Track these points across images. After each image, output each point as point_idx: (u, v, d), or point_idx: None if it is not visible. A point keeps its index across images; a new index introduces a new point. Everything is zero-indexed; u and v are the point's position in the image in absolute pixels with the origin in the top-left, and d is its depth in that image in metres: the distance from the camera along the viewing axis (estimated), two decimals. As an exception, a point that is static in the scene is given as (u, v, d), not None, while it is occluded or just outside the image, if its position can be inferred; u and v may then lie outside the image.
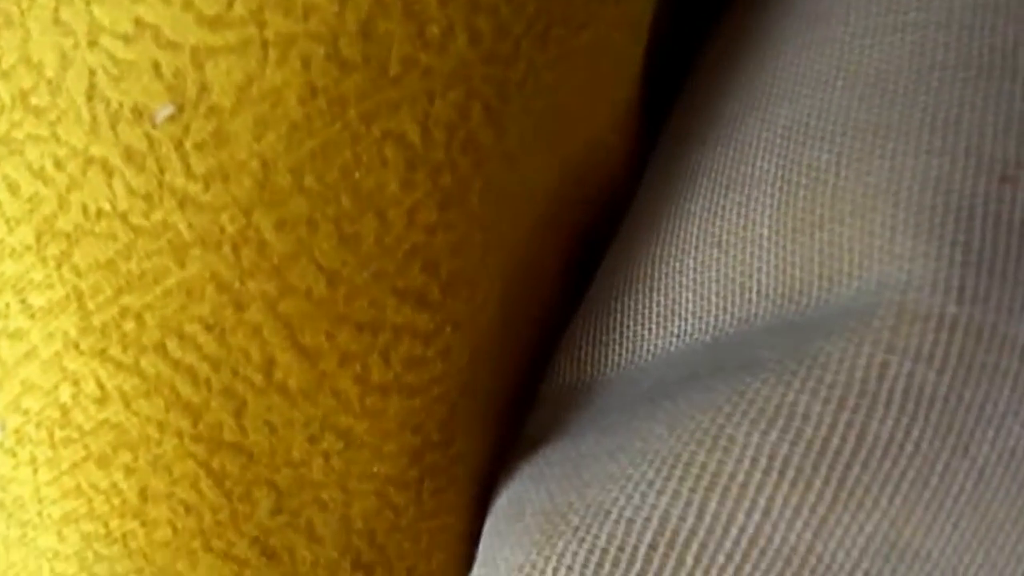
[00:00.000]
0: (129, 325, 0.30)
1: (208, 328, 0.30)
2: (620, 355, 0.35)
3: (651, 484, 0.30)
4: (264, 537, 0.31)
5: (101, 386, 0.31)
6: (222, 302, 0.30)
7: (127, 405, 0.30)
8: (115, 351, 0.30)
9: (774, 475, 0.30)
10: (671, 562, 0.30)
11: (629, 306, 0.35)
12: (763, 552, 0.30)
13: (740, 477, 0.30)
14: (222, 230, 0.30)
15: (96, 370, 0.30)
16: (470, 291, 0.32)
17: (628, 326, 0.35)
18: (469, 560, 0.33)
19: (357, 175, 0.30)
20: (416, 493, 0.32)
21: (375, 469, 0.32)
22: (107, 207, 0.30)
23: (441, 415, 0.32)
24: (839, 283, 0.32)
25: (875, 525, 0.30)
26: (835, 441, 0.30)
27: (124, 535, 0.31)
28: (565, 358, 0.36)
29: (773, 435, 0.30)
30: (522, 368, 0.35)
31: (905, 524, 0.30)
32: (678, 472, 0.30)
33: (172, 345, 0.30)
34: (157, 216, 0.30)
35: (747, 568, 0.30)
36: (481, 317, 0.32)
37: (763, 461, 0.30)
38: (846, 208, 0.32)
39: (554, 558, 0.30)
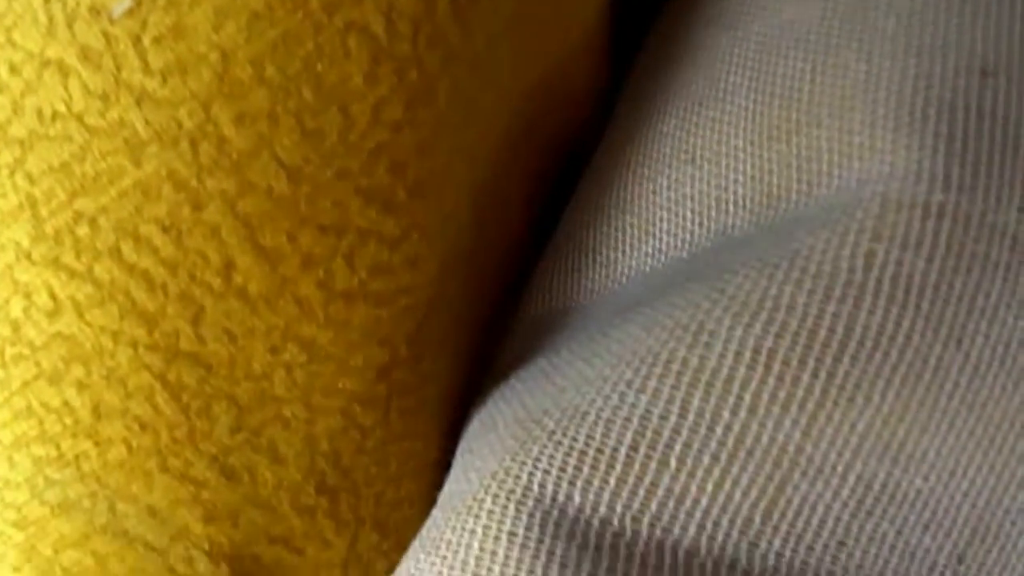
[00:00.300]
0: (83, 230, 0.29)
1: (164, 229, 0.29)
2: (594, 281, 0.34)
3: (630, 384, 0.29)
4: (223, 456, 0.30)
5: (53, 297, 0.29)
6: (179, 201, 0.29)
7: (80, 315, 0.29)
8: (68, 258, 0.29)
9: (759, 369, 0.28)
10: (653, 463, 0.28)
11: (601, 231, 0.34)
12: (750, 452, 0.28)
13: (724, 372, 0.28)
14: (180, 126, 0.28)
15: (48, 280, 0.29)
16: (438, 197, 0.31)
17: (601, 252, 0.34)
18: (440, 489, 0.32)
19: (319, 67, 0.29)
20: (384, 413, 0.31)
21: (340, 384, 0.30)
22: (62, 109, 0.29)
23: (409, 329, 0.31)
24: (819, 185, 0.31)
25: (867, 423, 0.29)
26: (822, 333, 0.28)
27: (76, 457, 0.30)
28: (537, 288, 0.34)
29: (757, 328, 0.28)
30: (494, 297, 0.34)
31: (899, 423, 0.29)
32: (658, 370, 0.29)
33: (127, 249, 0.29)
34: (113, 114, 0.29)
35: (734, 470, 0.28)
36: (450, 228, 0.31)
37: (747, 355, 0.28)
38: (823, 111, 0.31)
39: (529, 463, 0.28)
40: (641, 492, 0.28)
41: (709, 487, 0.28)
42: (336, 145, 0.29)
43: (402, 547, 0.31)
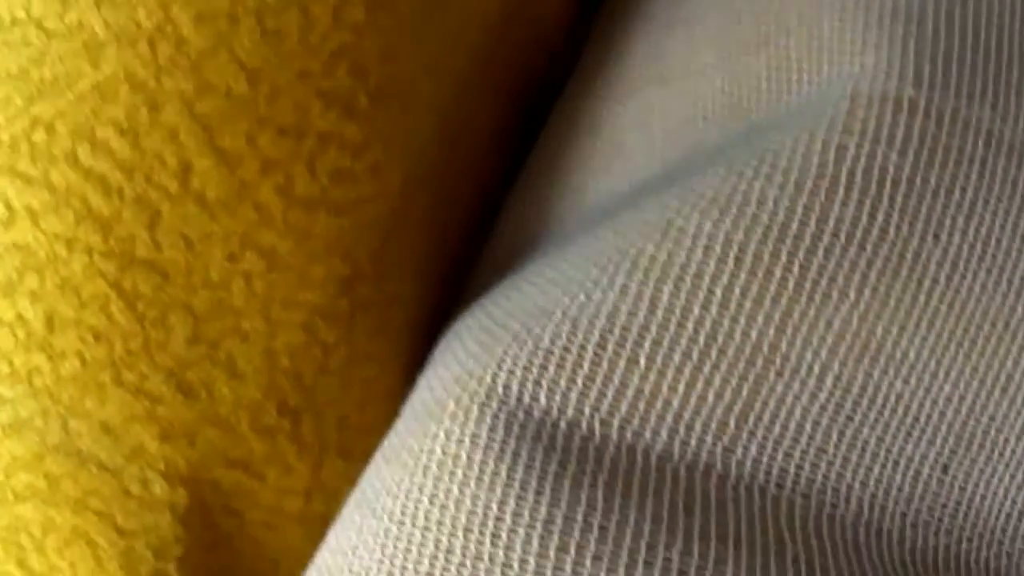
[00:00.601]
0: (39, 136, 0.28)
1: (121, 132, 0.28)
2: (563, 208, 0.33)
3: (596, 281, 0.28)
4: (180, 370, 0.29)
5: (9, 206, 0.28)
6: (136, 103, 0.28)
7: (35, 223, 0.28)
8: (24, 165, 0.28)
9: (730, 263, 0.27)
10: (622, 361, 0.27)
11: (571, 157, 0.33)
12: (723, 350, 0.27)
13: (693, 267, 0.27)
14: (138, 26, 0.28)
15: (3, 188, 0.28)
16: (401, 107, 0.30)
17: (571, 176, 0.33)
18: (407, 414, 0.31)
19: (279, -34, 0.28)
20: (347, 330, 0.30)
21: (301, 296, 0.29)
22: (22, 15, 0.28)
23: (372, 243, 0.30)
24: (788, 92, 0.30)
25: (843, 320, 0.28)
26: (794, 226, 0.27)
27: (29, 372, 0.28)
28: (508, 218, 0.34)
29: (727, 222, 0.28)
30: (465, 229, 0.33)
31: (877, 320, 0.28)
32: (626, 266, 0.28)
33: (84, 152, 0.28)
34: (72, 16, 0.28)
35: (706, 368, 0.27)
36: (414, 142, 0.31)
37: (717, 249, 0.27)
38: (791, 21, 0.31)
39: (493, 364, 0.27)
40: (610, 392, 0.27)
41: (680, 387, 0.27)
42: (296, 46, 0.29)
43: (367, 473, 0.30)
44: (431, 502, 0.27)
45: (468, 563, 0.26)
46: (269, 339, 0.29)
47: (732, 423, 0.27)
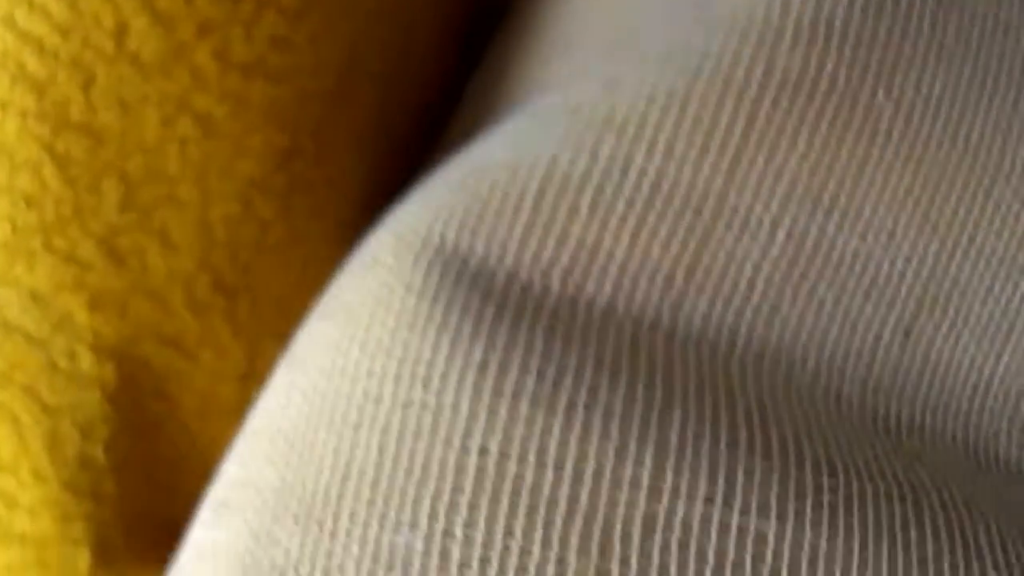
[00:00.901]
0: (-26, 1, 0.28)
1: (58, -7, 0.28)
2: (511, 105, 0.32)
3: (536, 135, 0.27)
4: (111, 237, 0.28)
5: (-59, 72, 0.28)
6: (74, -36, 0.28)
7: (-33, 87, 0.28)
8: (-42, 31, 0.28)
9: (674, 112, 0.26)
10: (563, 210, 0.26)
11: (522, 55, 0.32)
12: (668, 199, 0.26)
13: (635, 117, 0.26)
14: None
15: (-63, 56, 0.28)
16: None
17: (520, 75, 0.32)
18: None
19: None
20: (284, 207, 0.29)
21: (237, 166, 0.28)
22: None
23: (312, 117, 0.29)
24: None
25: (793, 172, 0.27)
26: (739, 74, 0.27)
27: (-44, 241, 0.28)
28: (461, 117, 0.33)
29: (669, 73, 0.27)
30: (416, 130, 0.32)
31: (828, 173, 0.27)
32: (566, 117, 0.27)
33: (21, 15, 0.28)
34: None
35: (651, 218, 0.26)
36: (355, 16, 0.30)
37: (661, 99, 0.27)
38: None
39: (429, 215, 0.26)
40: (550, 242, 0.26)
41: (624, 238, 0.26)
42: (235, -89, 0.28)
43: (305, 353, 0.29)
44: (361, 351, 0.26)
45: (398, 409, 0.25)
46: (204, 209, 0.28)
47: (680, 277, 0.26)
